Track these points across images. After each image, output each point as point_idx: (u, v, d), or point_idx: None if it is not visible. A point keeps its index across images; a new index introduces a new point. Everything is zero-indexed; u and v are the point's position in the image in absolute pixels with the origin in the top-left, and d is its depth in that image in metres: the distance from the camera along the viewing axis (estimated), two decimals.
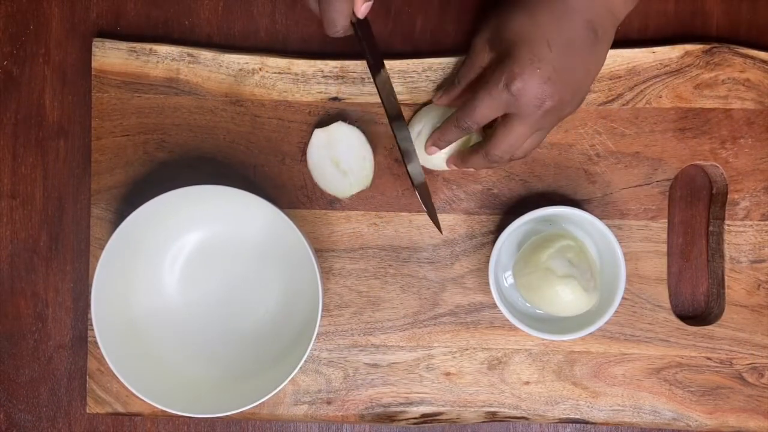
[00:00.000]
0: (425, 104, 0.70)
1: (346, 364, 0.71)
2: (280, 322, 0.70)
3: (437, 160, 0.67)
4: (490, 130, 0.63)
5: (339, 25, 0.57)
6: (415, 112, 0.70)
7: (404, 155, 0.64)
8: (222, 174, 0.70)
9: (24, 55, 0.72)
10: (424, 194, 0.65)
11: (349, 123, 0.69)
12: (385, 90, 0.63)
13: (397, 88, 0.70)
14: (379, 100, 0.70)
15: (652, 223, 0.70)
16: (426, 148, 0.66)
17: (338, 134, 0.68)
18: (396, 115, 0.64)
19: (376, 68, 0.62)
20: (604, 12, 0.57)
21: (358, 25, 0.60)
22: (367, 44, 0.61)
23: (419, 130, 0.67)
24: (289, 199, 0.71)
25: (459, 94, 0.65)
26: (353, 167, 0.68)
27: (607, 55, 0.68)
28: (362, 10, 0.58)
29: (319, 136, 0.68)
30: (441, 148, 0.65)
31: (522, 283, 0.66)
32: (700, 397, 0.70)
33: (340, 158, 0.68)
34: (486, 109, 0.58)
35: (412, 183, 0.64)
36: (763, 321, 0.70)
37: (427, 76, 0.70)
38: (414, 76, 0.70)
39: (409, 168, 0.64)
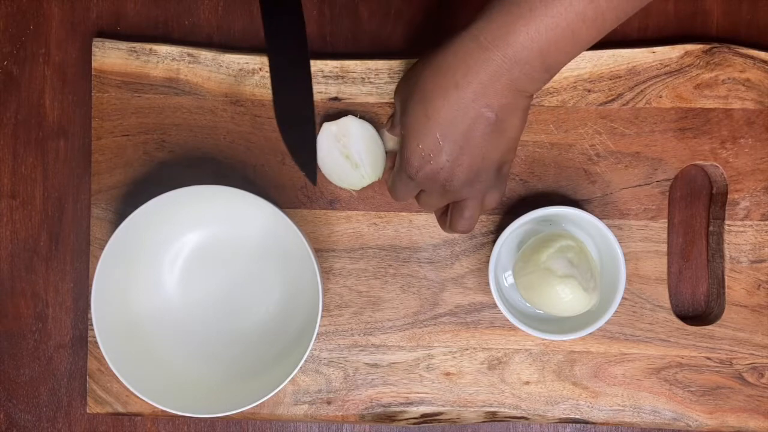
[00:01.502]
0: None
1: (346, 364, 0.71)
2: (280, 322, 0.70)
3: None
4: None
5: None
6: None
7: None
8: (222, 174, 0.70)
9: (24, 55, 0.72)
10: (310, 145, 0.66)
11: (359, 116, 0.69)
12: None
13: None
14: (379, 101, 0.70)
15: (652, 223, 0.70)
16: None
17: (348, 127, 0.68)
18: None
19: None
20: (508, 94, 0.54)
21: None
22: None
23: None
24: (289, 199, 0.71)
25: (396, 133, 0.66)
26: (365, 159, 0.68)
27: (607, 55, 0.69)
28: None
29: (329, 129, 0.68)
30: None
31: (522, 283, 0.66)
32: (700, 397, 0.70)
33: (351, 150, 0.68)
34: (404, 191, 0.61)
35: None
36: (763, 321, 0.70)
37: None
38: None
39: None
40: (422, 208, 0.63)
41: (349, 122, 0.68)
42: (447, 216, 0.63)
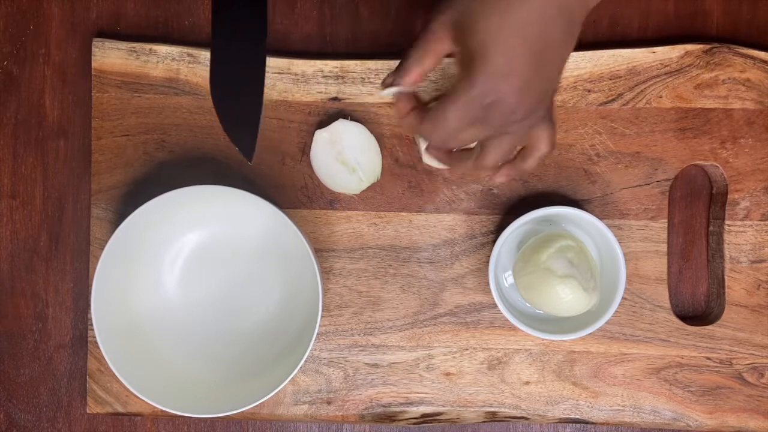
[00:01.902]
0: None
1: (346, 364, 0.71)
2: (280, 322, 0.70)
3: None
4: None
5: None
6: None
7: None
8: (222, 174, 0.70)
9: (24, 55, 0.72)
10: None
11: (351, 119, 0.69)
12: None
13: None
14: (379, 101, 0.70)
15: (652, 223, 0.70)
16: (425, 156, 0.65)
17: (341, 132, 0.68)
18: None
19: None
20: (578, 4, 0.50)
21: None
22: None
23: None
24: (289, 199, 0.71)
25: (414, 79, 0.57)
26: (361, 162, 0.68)
27: (607, 55, 0.69)
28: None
29: (322, 136, 0.68)
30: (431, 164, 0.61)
31: (522, 283, 0.66)
32: (700, 397, 0.70)
33: (346, 155, 0.68)
34: (456, 122, 0.53)
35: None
36: (763, 321, 0.70)
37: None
38: None
39: None
40: (447, 134, 0.54)
41: (341, 127, 0.68)
42: (473, 158, 0.57)
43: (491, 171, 0.58)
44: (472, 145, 0.58)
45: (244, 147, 0.59)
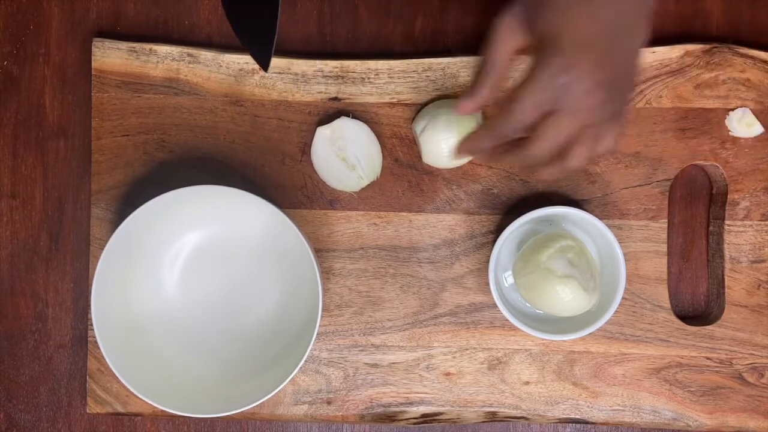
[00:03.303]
0: (428, 102, 0.70)
1: (346, 364, 0.71)
2: (280, 322, 0.70)
3: (444, 159, 0.67)
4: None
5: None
6: (418, 111, 0.70)
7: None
8: (222, 174, 0.70)
9: (24, 55, 0.72)
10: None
11: (352, 116, 0.69)
12: None
13: (398, 88, 0.70)
14: (379, 101, 0.70)
15: (652, 223, 0.70)
16: (455, 153, 0.64)
17: (342, 129, 0.68)
18: None
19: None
20: None
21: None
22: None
23: (423, 127, 0.67)
24: (289, 199, 0.71)
25: (486, 95, 0.56)
26: (361, 160, 0.68)
27: None
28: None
29: (323, 132, 0.68)
30: (472, 155, 0.59)
31: (522, 283, 0.66)
32: (700, 397, 0.70)
33: (347, 153, 0.68)
34: (530, 105, 0.51)
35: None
36: (763, 321, 0.70)
37: (427, 76, 0.70)
38: (414, 76, 0.70)
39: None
40: (517, 119, 0.52)
41: (343, 124, 0.68)
42: (519, 143, 0.54)
43: (541, 164, 0.54)
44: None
45: (260, 55, 0.55)
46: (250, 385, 0.66)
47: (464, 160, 0.68)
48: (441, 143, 0.66)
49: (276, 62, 0.70)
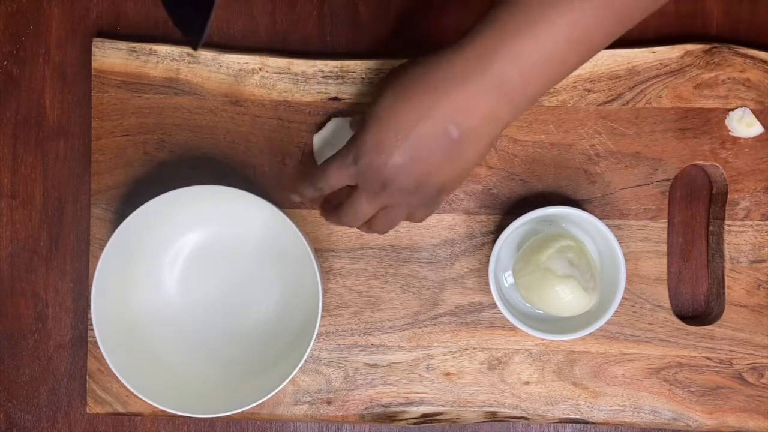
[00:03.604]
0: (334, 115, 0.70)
1: (346, 364, 0.71)
2: (280, 322, 0.70)
3: None
4: None
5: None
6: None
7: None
8: (222, 174, 0.70)
9: (24, 55, 0.72)
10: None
11: (343, 116, 0.69)
12: None
13: None
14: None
15: (652, 223, 0.70)
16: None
17: (338, 128, 0.68)
18: None
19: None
20: (480, 116, 0.53)
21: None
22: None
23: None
24: (289, 199, 0.71)
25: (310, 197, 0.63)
26: None
27: (607, 55, 0.69)
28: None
29: (321, 136, 0.68)
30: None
31: (522, 283, 0.66)
32: (700, 397, 0.70)
33: None
34: (336, 175, 0.58)
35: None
36: (763, 321, 0.70)
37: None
38: None
39: None
40: (345, 210, 0.60)
41: (338, 123, 0.68)
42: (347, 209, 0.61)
43: (351, 225, 0.62)
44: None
45: (191, 29, 0.50)
46: (250, 385, 0.66)
47: None
48: None
49: (276, 62, 0.70)
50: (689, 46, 0.69)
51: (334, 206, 0.62)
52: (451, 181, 0.57)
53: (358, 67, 0.70)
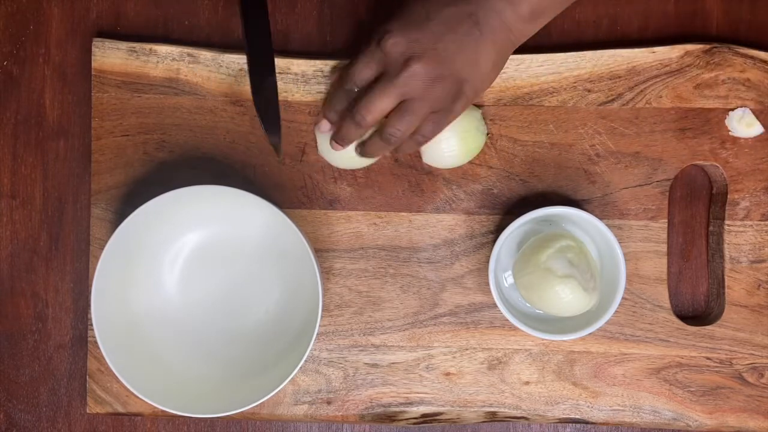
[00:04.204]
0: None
1: (346, 364, 0.71)
2: (280, 322, 0.70)
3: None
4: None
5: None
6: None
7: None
8: (222, 174, 0.70)
9: (24, 55, 0.72)
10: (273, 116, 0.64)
11: None
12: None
13: None
14: None
15: (652, 223, 0.70)
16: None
17: None
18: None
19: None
20: (495, 18, 0.59)
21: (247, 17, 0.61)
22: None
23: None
24: (289, 199, 0.71)
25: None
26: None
27: (607, 55, 0.69)
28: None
29: (323, 125, 0.67)
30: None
31: (522, 283, 0.66)
32: (700, 397, 0.70)
33: None
34: (361, 65, 0.60)
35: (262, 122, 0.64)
36: (763, 321, 0.70)
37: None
38: None
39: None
40: (365, 100, 0.60)
41: None
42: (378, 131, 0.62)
43: (399, 141, 0.62)
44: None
45: (274, 142, 0.63)
46: (250, 385, 0.66)
47: (463, 159, 0.68)
48: (441, 143, 0.66)
49: (276, 62, 0.70)
50: (689, 46, 0.69)
51: (369, 138, 0.63)
52: (468, 79, 0.59)
53: None
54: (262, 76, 0.62)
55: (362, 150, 0.64)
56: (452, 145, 0.66)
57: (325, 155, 0.68)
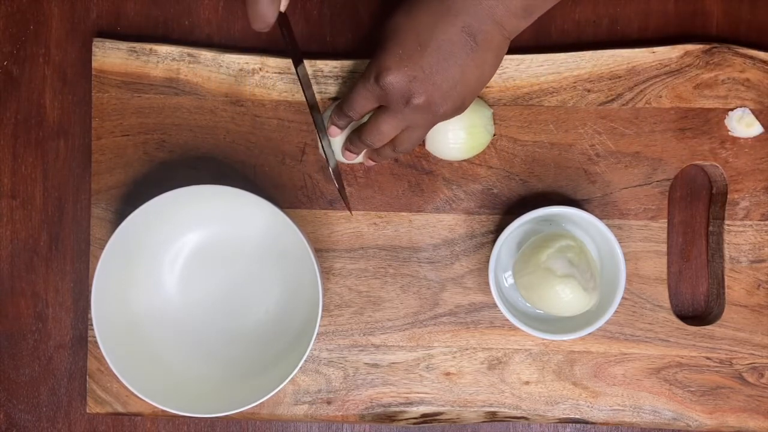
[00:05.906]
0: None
1: (346, 364, 0.71)
2: (280, 322, 0.70)
3: (448, 150, 0.68)
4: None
5: (267, 20, 0.57)
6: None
7: (321, 139, 0.66)
8: (222, 174, 0.70)
9: (24, 55, 0.72)
10: (336, 175, 0.67)
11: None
12: (305, 82, 0.65)
13: None
14: None
15: (652, 223, 0.70)
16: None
17: None
18: (313, 105, 0.65)
19: (297, 62, 0.64)
20: (487, 21, 0.57)
21: (282, 21, 0.61)
22: (290, 39, 0.63)
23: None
24: (289, 199, 0.71)
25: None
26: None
27: (607, 55, 0.69)
28: (284, 2, 0.59)
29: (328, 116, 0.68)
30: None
31: (522, 283, 0.66)
32: (700, 397, 0.70)
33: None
34: (361, 99, 0.60)
35: (328, 164, 0.67)
36: (763, 321, 0.70)
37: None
38: None
39: (326, 150, 0.66)
40: (353, 110, 0.61)
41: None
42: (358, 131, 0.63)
43: (374, 146, 0.63)
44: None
45: (346, 200, 0.69)
46: (250, 385, 0.66)
47: (465, 154, 0.68)
48: (449, 133, 0.66)
49: (276, 62, 0.70)
50: (689, 46, 0.69)
51: (353, 133, 0.64)
52: (469, 96, 0.59)
53: (358, 67, 0.70)
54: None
55: (350, 148, 0.66)
56: (459, 137, 0.66)
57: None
